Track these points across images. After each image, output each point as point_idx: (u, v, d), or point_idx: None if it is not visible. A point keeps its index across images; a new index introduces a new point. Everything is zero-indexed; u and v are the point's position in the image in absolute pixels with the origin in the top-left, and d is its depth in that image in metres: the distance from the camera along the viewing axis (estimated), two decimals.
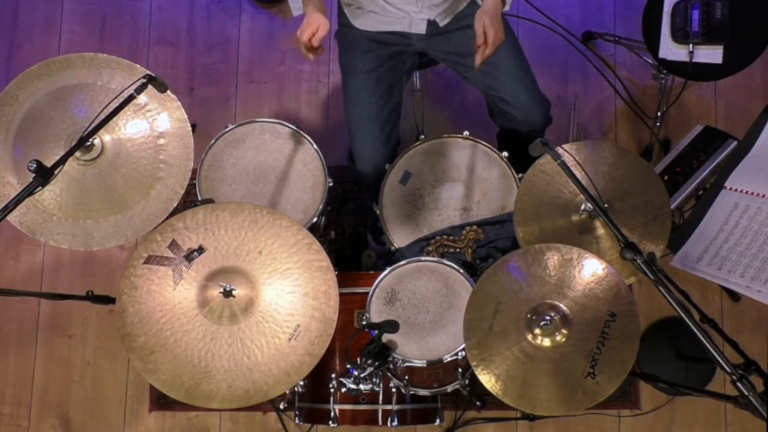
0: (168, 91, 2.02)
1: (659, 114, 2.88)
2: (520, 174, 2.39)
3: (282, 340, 1.88)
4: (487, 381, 1.86)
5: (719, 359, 1.58)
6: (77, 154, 1.99)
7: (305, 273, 1.92)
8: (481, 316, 1.89)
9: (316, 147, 2.44)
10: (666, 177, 2.40)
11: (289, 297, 1.91)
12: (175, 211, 2.03)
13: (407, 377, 2.22)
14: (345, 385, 2.08)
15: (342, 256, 2.89)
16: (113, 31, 3.30)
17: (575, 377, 1.83)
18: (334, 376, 2.24)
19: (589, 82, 3.14)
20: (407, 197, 2.44)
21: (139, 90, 1.93)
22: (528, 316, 1.88)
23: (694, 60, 2.46)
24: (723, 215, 2.02)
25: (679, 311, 1.63)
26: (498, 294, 1.91)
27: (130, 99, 1.92)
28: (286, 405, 2.59)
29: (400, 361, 2.14)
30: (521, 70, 2.41)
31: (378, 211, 2.43)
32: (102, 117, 1.89)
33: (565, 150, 1.94)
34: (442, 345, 2.15)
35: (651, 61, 2.83)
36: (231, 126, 2.47)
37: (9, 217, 1.87)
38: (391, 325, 2.06)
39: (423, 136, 2.52)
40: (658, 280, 1.67)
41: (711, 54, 2.47)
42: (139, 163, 2.06)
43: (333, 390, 2.24)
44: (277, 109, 3.19)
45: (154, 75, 1.96)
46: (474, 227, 2.38)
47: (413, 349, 2.15)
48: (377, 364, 2.03)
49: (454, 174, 2.44)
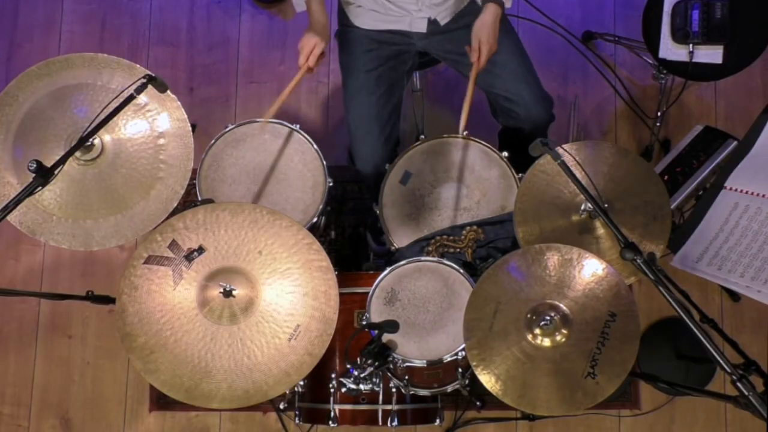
0: (168, 91, 2.02)
1: (659, 114, 2.88)
2: (520, 174, 2.39)
3: (282, 340, 1.88)
4: (487, 381, 1.86)
5: (719, 359, 1.58)
6: (77, 154, 1.99)
7: (305, 273, 1.92)
8: (481, 316, 1.89)
9: (316, 147, 2.44)
10: (666, 177, 2.40)
11: (289, 297, 1.91)
12: (175, 211, 2.03)
13: (407, 377, 2.22)
14: (345, 385, 2.08)
15: (342, 256, 2.89)
16: (113, 31, 3.30)
17: (575, 377, 1.83)
18: (334, 376, 2.24)
19: (589, 82, 3.14)
20: (407, 197, 2.44)
21: (139, 90, 1.93)
22: (528, 316, 1.88)
23: (694, 60, 2.46)
24: (723, 215, 2.02)
25: (679, 311, 1.63)
26: (498, 294, 1.91)
27: (130, 99, 1.92)
28: (286, 405, 2.59)
29: (400, 361, 2.14)
30: (524, 67, 2.41)
31: (378, 211, 2.43)
32: (102, 117, 1.89)
33: (565, 150, 1.93)
34: (442, 345, 2.15)
35: (651, 61, 2.83)
36: (231, 126, 2.47)
37: (9, 217, 1.87)
38: (391, 325, 2.07)
39: (423, 136, 2.52)
40: (658, 280, 1.67)
41: (711, 54, 2.47)
42: (139, 163, 2.06)
43: (333, 390, 2.24)
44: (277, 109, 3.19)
45: (154, 75, 1.96)
46: (474, 227, 2.37)
47: (413, 349, 2.15)
48: (377, 364, 2.03)
49: (454, 174, 2.44)
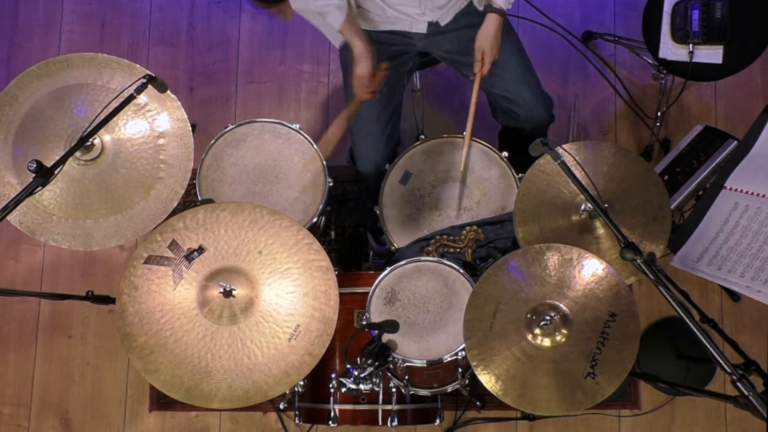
0: (168, 91, 2.02)
1: (659, 114, 2.88)
2: (520, 174, 2.39)
3: (282, 340, 1.88)
4: (487, 381, 1.86)
5: (719, 359, 1.58)
6: (77, 154, 1.99)
7: (305, 273, 1.92)
8: (481, 316, 1.89)
9: (316, 147, 2.44)
10: (666, 177, 2.40)
11: (289, 297, 1.91)
12: (175, 211, 2.03)
13: (407, 377, 2.22)
14: (345, 385, 2.08)
15: (342, 256, 2.89)
16: (113, 31, 3.30)
17: (575, 377, 1.83)
18: (334, 376, 2.24)
19: (589, 82, 3.14)
20: (407, 197, 2.44)
21: (139, 90, 1.93)
22: (528, 316, 1.88)
23: (694, 60, 2.45)
24: (723, 215, 2.02)
25: (679, 311, 1.63)
26: (498, 294, 1.91)
27: (130, 99, 1.92)
28: (286, 405, 2.59)
29: (400, 361, 2.14)
30: (524, 68, 2.41)
31: (378, 211, 2.43)
32: (102, 117, 1.89)
33: (565, 150, 1.93)
34: (442, 345, 2.15)
35: (651, 61, 2.84)
36: (231, 126, 2.47)
37: (9, 217, 1.87)
38: (391, 325, 2.07)
39: (423, 136, 2.52)
40: (658, 280, 1.67)
41: (711, 54, 2.47)
42: (139, 163, 2.06)
43: (333, 390, 2.24)
44: (277, 109, 3.19)
45: (154, 75, 1.96)
46: (474, 227, 2.38)
47: (413, 349, 2.15)
48: (377, 364, 2.03)
49: (454, 174, 2.44)
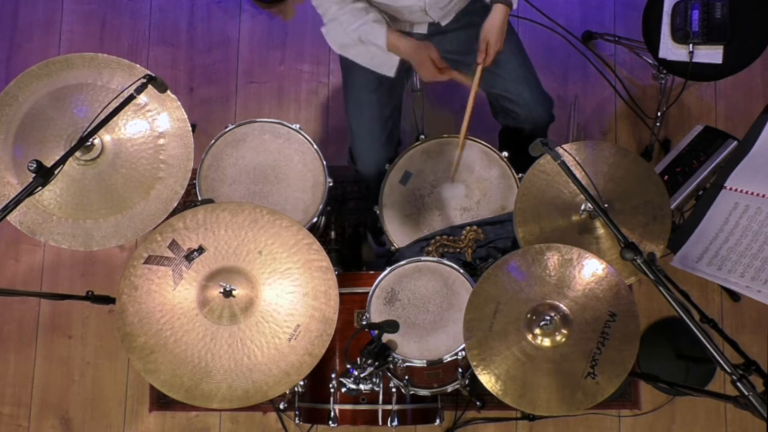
0: (168, 91, 2.02)
1: (659, 114, 2.88)
2: (520, 174, 2.39)
3: (282, 340, 1.88)
4: (487, 381, 1.86)
5: (719, 359, 1.58)
6: (77, 154, 1.99)
7: (305, 273, 1.92)
8: (481, 316, 1.89)
9: (316, 147, 2.44)
10: (666, 177, 2.40)
11: (289, 297, 1.91)
12: (175, 211, 2.03)
13: (407, 377, 2.22)
14: (345, 385, 2.08)
15: (342, 256, 2.89)
16: (113, 31, 3.30)
17: (575, 377, 1.83)
18: (334, 376, 2.24)
19: (589, 82, 3.14)
20: (407, 197, 2.44)
21: (139, 90, 1.93)
22: (528, 316, 1.88)
23: (694, 60, 2.45)
24: (723, 215, 2.02)
25: (679, 311, 1.63)
26: (498, 294, 1.91)
27: (130, 99, 1.92)
28: (286, 405, 2.59)
29: (400, 361, 2.14)
30: (524, 68, 2.41)
31: (378, 211, 2.43)
32: (102, 117, 1.89)
33: (565, 150, 1.93)
34: (442, 345, 2.15)
35: (651, 61, 2.84)
36: (231, 126, 2.47)
37: (9, 217, 1.87)
38: (391, 325, 2.07)
39: (423, 136, 2.52)
40: (658, 280, 1.67)
41: (711, 54, 2.47)
42: (139, 163, 2.06)
43: (333, 390, 2.24)
44: (277, 109, 3.19)
45: (154, 75, 1.96)
46: (474, 227, 2.38)
47: (413, 349, 2.15)
48: (377, 364, 2.03)
49: (451, 174, 2.43)
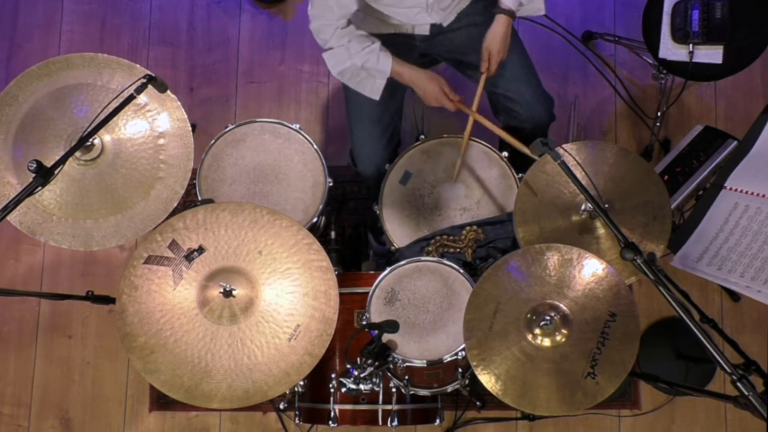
0: (168, 91, 2.02)
1: (659, 114, 2.88)
2: (520, 174, 2.39)
3: (282, 340, 1.88)
4: (487, 381, 1.86)
5: (719, 359, 1.58)
6: (77, 154, 1.99)
7: (305, 273, 1.92)
8: (481, 316, 1.89)
9: (316, 147, 2.44)
10: (666, 177, 2.40)
11: (289, 297, 1.91)
12: (175, 211, 2.03)
13: (407, 377, 2.22)
14: (345, 385, 2.08)
15: (342, 256, 2.89)
16: (113, 31, 3.30)
17: (575, 377, 1.83)
18: (334, 376, 2.24)
19: (589, 82, 3.14)
20: (407, 197, 2.44)
21: (139, 90, 1.93)
22: (528, 316, 1.88)
23: (694, 60, 2.45)
24: (723, 215, 2.02)
25: (679, 311, 1.63)
26: (498, 294, 1.91)
27: (130, 99, 1.92)
28: (286, 405, 2.59)
29: (400, 361, 2.14)
30: (525, 67, 2.41)
31: (378, 211, 2.43)
32: (102, 117, 1.89)
33: (565, 150, 1.94)
34: (442, 345, 2.15)
35: (651, 61, 2.84)
36: (231, 126, 2.47)
37: (9, 217, 1.87)
38: (391, 325, 2.07)
39: (423, 136, 2.52)
40: (658, 280, 1.67)
41: (711, 54, 2.47)
42: (139, 163, 2.06)
43: (333, 390, 2.24)
44: (277, 109, 3.19)
45: (154, 75, 1.96)
46: (474, 227, 2.37)
47: (413, 349, 2.15)
48: (377, 364, 2.03)
49: (454, 174, 2.44)
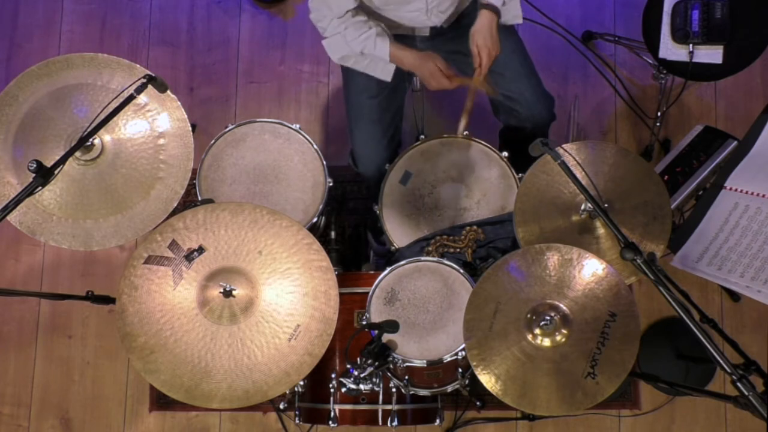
0: (168, 91, 2.02)
1: (659, 114, 2.88)
2: (520, 174, 2.39)
3: (282, 340, 1.88)
4: (487, 381, 1.86)
5: (719, 359, 1.58)
6: (77, 154, 1.99)
7: (305, 273, 1.92)
8: (481, 316, 1.89)
9: (316, 147, 2.44)
10: (666, 177, 2.40)
11: (289, 297, 1.91)
12: (175, 211, 2.03)
13: (407, 377, 2.22)
14: (345, 385, 2.08)
15: (342, 256, 2.89)
16: (113, 31, 3.30)
17: (575, 377, 1.83)
18: (334, 376, 2.24)
19: (589, 82, 3.14)
20: (407, 197, 2.44)
21: (139, 90, 1.93)
22: (528, 316, 1.88)
23: (694, 60, 2.45)
24: (723, 215, 2.02)
25: (679, 311, 1.63)
26: (498, 294, 1.91)
27: (130, 99, 1.92)
28: (286, 405, 2.59)
29: (400, 361, 2.14)
30: (525, 67, 2.41)
31: (378, 211, 2.43)
32: (102, 117, 1.89)
33: (565, 150, 1.94)
34: (442, 345, 2.15)
35: (651, 61, 2.84)
36: (231, 126, 2.47)
37: (9, 217, 1.87)
38: (391, 325, 2.07)
39: (423, 136, 2.52)
40: (658, 280, 1.67)
41: (711, 54, 2.47)
42: (139, 163, 2.06)
43: (333, 390, 2.24)
44: (277, 109, 3.19)
45: (154, 75, 1.96)
46: (474, 227, 2.37)
47: (413, 349, 2.15)
48: (377, 364, 2.03)
49: (454, 174, 2.44)
